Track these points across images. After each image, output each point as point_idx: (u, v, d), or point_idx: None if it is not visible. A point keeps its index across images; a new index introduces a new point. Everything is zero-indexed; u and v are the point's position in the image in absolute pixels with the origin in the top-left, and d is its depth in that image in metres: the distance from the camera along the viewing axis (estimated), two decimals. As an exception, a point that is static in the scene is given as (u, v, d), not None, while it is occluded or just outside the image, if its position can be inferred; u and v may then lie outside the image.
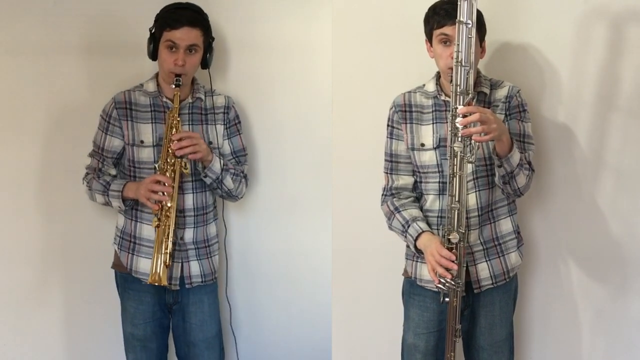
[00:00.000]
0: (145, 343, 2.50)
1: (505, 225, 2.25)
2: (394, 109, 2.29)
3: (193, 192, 2.48)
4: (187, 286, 2.48)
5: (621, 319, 2.35)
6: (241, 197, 2.60)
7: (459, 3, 1.92)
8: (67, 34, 2.68)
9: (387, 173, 2.32)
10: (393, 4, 2.55)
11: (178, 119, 2.37)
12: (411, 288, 2.33)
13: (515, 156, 2.06)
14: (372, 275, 2.65)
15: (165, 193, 2.30)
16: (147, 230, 2.44)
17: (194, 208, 2.48)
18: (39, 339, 2.80)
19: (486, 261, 2.22)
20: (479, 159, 2.17)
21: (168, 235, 2.33)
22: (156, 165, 2.37)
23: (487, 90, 2.20)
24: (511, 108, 2.19)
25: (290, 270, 2.82)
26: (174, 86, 2.36)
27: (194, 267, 2.49)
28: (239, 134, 2.59)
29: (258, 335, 2.79)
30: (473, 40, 1.94)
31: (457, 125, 1.97)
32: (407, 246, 2.32)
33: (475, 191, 2.19)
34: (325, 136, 2.68)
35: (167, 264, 2.33)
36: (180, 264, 2.46)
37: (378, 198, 2.35)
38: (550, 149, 2.37)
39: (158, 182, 2.31)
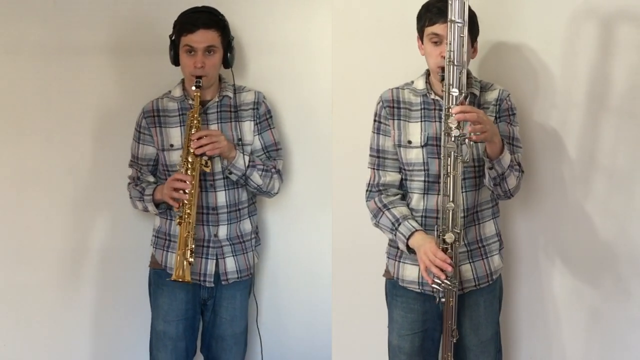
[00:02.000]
0: (176, 342, 2.51)
1: (489, 228, 2.25)
2: (381, 104, 2.26)
3: (225, 189, 2.49)
4: (223, 282, 2.51)
5: (614, 318, 2.34)
6: (275, 193, 2.58)
7: (450, 2, 1.91)
8: (67, 34, 2.69)
9: (373, 169, 2.29)
10: (393, 3, 2.54)
11: (198, 118, 2.39)
12: (394, 289, 2.32)
13: (506, 158, 2.06)
14: (372, 275, 2.62)
15: (185, 191, 2.34)
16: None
17: (226, 205, 2.50)
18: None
19: (470, 263, 2.22)
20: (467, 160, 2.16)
21: (189, 232, 2.36)
22: (177, 165, 2.42)
23: (477, 92, 2.20)
24: (501, 111, 2.19)
25: (290, 271, 2.82)
26: (194, 87, 2.39)
27: (230, 263, 2.51)
28: (270, 129, 2.57)
29: (256, 336, 2.77)
30: (465, 39, 1.93)
31: (450, 124, 1.96)
32: (390, 245, 2.32)
33: (463, 192, 2.17)
34: (325, 136, 2.68)
35: (190, 260, 2.34)
36: (215, 261, 2.49)
37: (378, 198, 2.35)
38: (539, 150, 2.37)
39: (178, 180, 2.35)
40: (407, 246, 2.17)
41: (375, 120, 2.28)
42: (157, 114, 2.50)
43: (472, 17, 2.13)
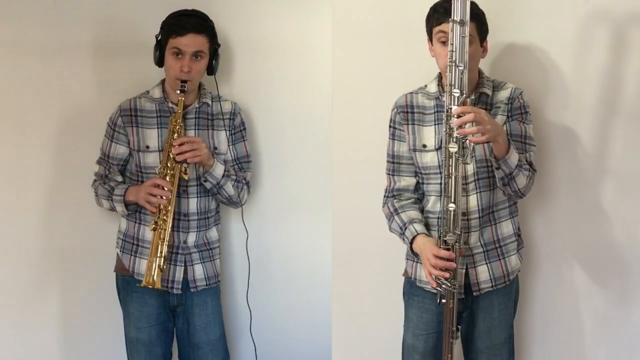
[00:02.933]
0: (150, 347, 2.49)
1: (506, 228, 2.23)
2: (395, 109, 2.27)
3: (197, 197, 2.49)
4: (192, 290, 2.49)
5: (623, 324, 2.34)
6: (242, 204, 2.60)
7: (452, 2, 1.91)
8: (67, 35, 2.68)
9: (389, 174, 2.31)
10: (393, 3, 2.53)
11: (181, 124, 2.38)
12: (411, 289, 2.32)
13: (513, 157, 2.04)
14: (372, 276, 2.64)
15: (163, 197, 2.33)
16: (149, 233, 2.44)
17: (197, 212, 2.49)
18: (37, 341, 2.79)
19: (486, 263, 2.20)
20: (480, 160, 2.15)
21: (164, 239, 2.35)
22: (156, 169, 2.39)
23: (489, 92, 2.18)
24: (513, 109, 2.17)
25: (290, 271, 2.81)
26: (179, 91, 2.37)
27: (198, 271, 2.50)
28: (243, 140, 2.59)
29: (256, 336, 2.78)
30: (467, 39, 1.92)
31: (452, 125, 1.95)
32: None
33: (477, 192, 2.17)
34: (325, 136, 2.67)
35: (162, 267, 2.34)
36: (183, 267, 2.47)
37: (378, 198, 2.35)
38: (552, 150, 2.35)
39: (157, 185, 2.33)
40: (413, 250, 2.18)
41: (390, 127, 2.29)
42: (134, 113, 2.47)
43: (481, 16, 2.13)
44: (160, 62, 2.45)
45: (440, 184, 2.18)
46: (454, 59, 1.93)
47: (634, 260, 2.28)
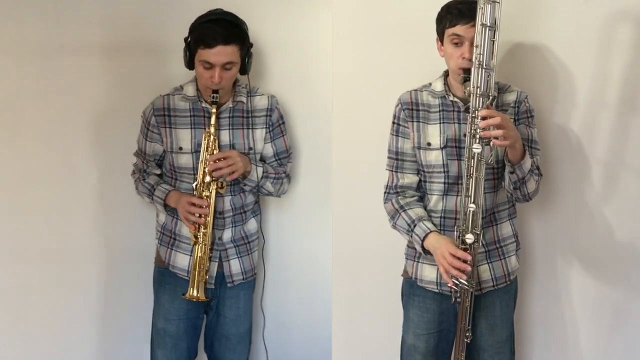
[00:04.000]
0: (177, 340, 2.49)
1: (506, 229, 2.27)
2: (400, 106, 2.26)
3: (231, 195, 2.47)
4: (228, 285, 2.49)
5: (622, 324, 2.38)
6: (284, 193, 2.62)
7: (481, 5, 1.93)
8: (67, 35, 2.66)
9: (391, 171, 2.30)
10: (393, 3, 2.54)
11: (215, 136, 2.36)
12: (411, 289, 2.32)
13: (527, 162, 2.07)
14: (373, 276, 2.65)
15: (202, 215, 2.35)
16: (186, 229, 2.45)
17: (232, 209, 2.48)
18: (32, 339, 2.79)
19: (487, 263, 2.23)
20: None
21: (205, 253, 2.38)
22: (194, 186, 2.39)
23: (495, 94, 2.21)
24: (520, 113, 2.20)
25: (290, 271, 2.81)
26: (210, 104, 2.35)
27: (235, 265, 2.50)
28: (283, 135, 2.56)
29: (256, 334, 2.76)
30: (496, 43, 1.94)
31: (477, 127, 1.97)
32: (408, 246, 2.32)
33: (482, 194, 2.20)
34: (325, 136, 2.67)
35: (205, 280, 2.39)
36: (217, 263, 2.47)
37: (378, 198, 2.34)
38: (556, 152, 2.39)
39: (194, 204, 2.35)
40: (423, 247, 2.18)
41: (394, 123, 2.27)
42: (167, 113, 2.43)
43: None
44: (190, 65, 2.37)
45: (444, 183, 2.21)
46: (481, 61, 1.94)
47: (631, 261, 2.33)
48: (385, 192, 2.32)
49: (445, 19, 2.13)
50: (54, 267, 2.76)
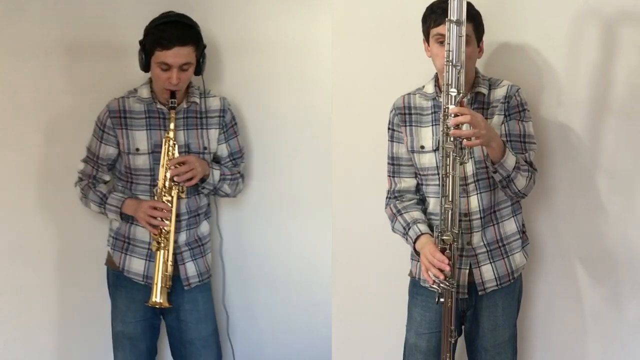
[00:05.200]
0: (135, 342, 2.51)
1: (510, 226, 2.22)
2: (393, 111, 2.27)
3: (186, 197, 2.49)
4: (185, 288, 2.49)
5: (625, 322, 2.33)
6: (239, 194, 2.65)
7: (449, 2, 1.91)
8: (68, 34, 2.69)
9: (389, 176, 2.31)
10: (393, 3, 2.53)
11: (174, 141, 2.40)
12: (414, 288, 2.32)
13: (509, 160, 2.03)
14: (372, 276, 2.64)
15: (164, 219, 2.38)
16: (140, 232, 2.48)
17: (187, 211, 2.50)
18: (32, 339, 2.81)
19: (490, 263, 2.20)
20: (479, 161, 2.15)
21: (167, 258, 2.40)
22: (155, 190, 2.42)
23: (485, 91, 2.17)
24: (510, 108, 2.16)
25: (291, 271, 2.82)
26: (168, 109, 2.39)
27: (190, 268, 2.51)
28: (236, 136, 2.60)
29: (257, 337, 2.81)
30: (463, 39, 1.92)
31: (448, 124, 1.95)
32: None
33: (477, 193, 2.17)
34: (325, 136, 2.67)
35: (168, 286, 2.40)
36: (173, 266, 2.46)
37: (378, 198, 2.35)
38: (552, 147, 2.35)
39: (156, 208, 2.37)
40: (415, 249, 2.19)
41: (389, 129, 2.29)
42: (123, 115, 2.46)
43: (478, 17, 2.13)
44: (146, 68, 2.42)
45: (439, 185, 2.19)
46: (450, 58, 1.93)
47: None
48: (386, 198, 2.33)
49: (429, 19, 2.13)
50: (54, 267, 2.78)
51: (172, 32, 2.32)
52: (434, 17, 2.10)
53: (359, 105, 2.61)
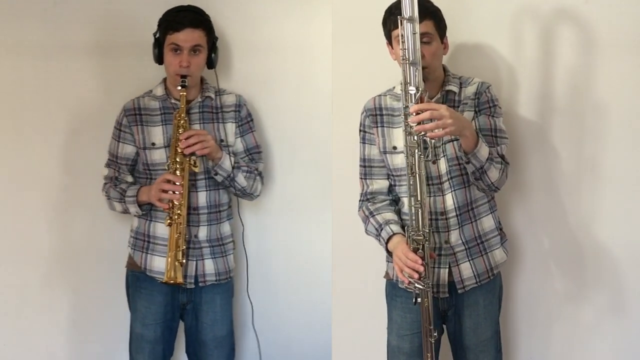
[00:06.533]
0: (154, 345, 2.51)
1: (487, 223, 2.20)
2: (364, 113, 2.27)
3: (206, 190, 2.49)
4: (200, 284, 2.50)
5: (606, 314, 2.31)
6: (257, 195, 2.60)
7: (401, 0, 1.90)
8: (68, 34, 2.72)
9: (362, 179, 2.31)
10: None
11: (185, 118, 2.40)
12: (393, 290, 2.30)
13: (483, 151, 2.02)
14: (372, 275, 2.61)
15: (175, 192, 2.35)
16: (161, 229, 2.47)
17: (207, 205, 2.50)
18: (45, 342, 2.82)
19: (469, 261, 2.18)
20: (452, 159, 2.13)
21: (180, 233, 2.37)
22: (166, 165, 2.42)
23: (455, 89, 2.16)
24: (480, 104, 2.15)
25: (290, 270, 2.83)
26: (179, 87, 2.40)
27: (208, 266, 2.51)
28: (252, 131, 2.60)
29: (259, 335, 2.82)
30: (417, 36, 1.90)
31: (410, 123, 1.94)
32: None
33: (452, 191, 2.15)
34: (325, 136, 2.68)
35: (181, 261, 2.36)
36: (194, 262, 2.49)
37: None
38: (528, 145, 2.32)
39: (168, 181, 2.35)
40: (387, 250, 2.17)
41: (360, 131, 2.29)
42: (138, 112, 2.50)
43: (438, 12, 2.12)
44: (159, 59, 2.47)
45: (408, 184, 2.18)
46: (407, 56, 1.91)
47: (613, 253, 2.27)
48: (359, 201, 2.32)
49: (389, 21, 2.14)
50: (54, 267, 2.80)
51: (183, 15, 2.41)
52: (393, 19, 2.09)
53: (359, 106, 2.59)
